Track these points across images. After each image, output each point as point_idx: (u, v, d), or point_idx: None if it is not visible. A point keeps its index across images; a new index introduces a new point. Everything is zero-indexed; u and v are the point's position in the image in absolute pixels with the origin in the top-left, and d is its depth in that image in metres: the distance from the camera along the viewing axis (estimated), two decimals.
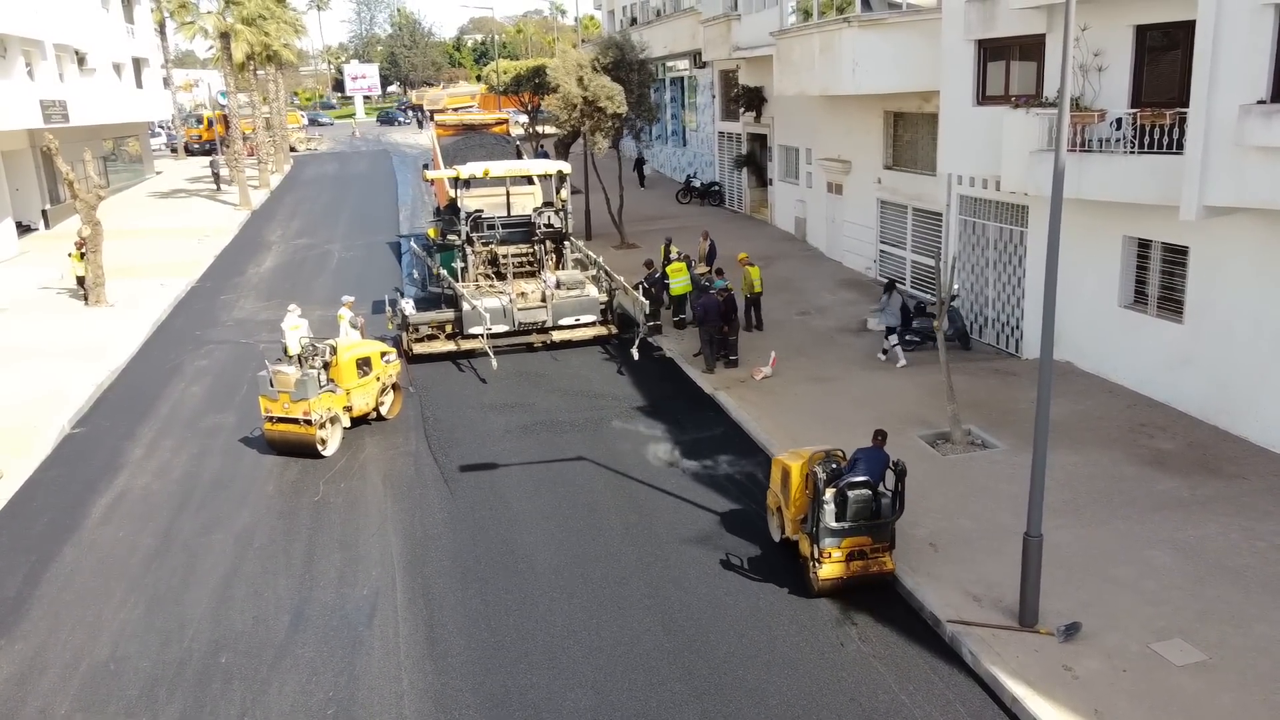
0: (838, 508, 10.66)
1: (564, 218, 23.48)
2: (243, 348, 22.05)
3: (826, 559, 10.76)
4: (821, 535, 10.71)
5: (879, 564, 10.96)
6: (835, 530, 10.68)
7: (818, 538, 10.76)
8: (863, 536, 10.81)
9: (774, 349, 19.53)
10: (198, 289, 28.06)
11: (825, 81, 23.62)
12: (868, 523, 10.80)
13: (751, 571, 11.77)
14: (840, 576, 10.83)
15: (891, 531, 11.02)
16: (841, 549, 10.76)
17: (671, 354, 20.45)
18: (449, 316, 21.32)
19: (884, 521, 10.89)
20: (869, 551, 10.87)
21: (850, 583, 10.89)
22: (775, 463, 12.31)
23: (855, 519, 10.72)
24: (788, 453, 12.45)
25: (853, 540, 10.78)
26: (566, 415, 17.08)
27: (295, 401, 15.23)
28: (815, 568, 10.87)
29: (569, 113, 27.98)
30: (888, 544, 10.98)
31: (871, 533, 10.84)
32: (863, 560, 10.86)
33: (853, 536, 10.77)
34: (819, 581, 10.87)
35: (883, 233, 25.00)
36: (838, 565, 10.79)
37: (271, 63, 50.59)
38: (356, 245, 33.50)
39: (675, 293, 22.11)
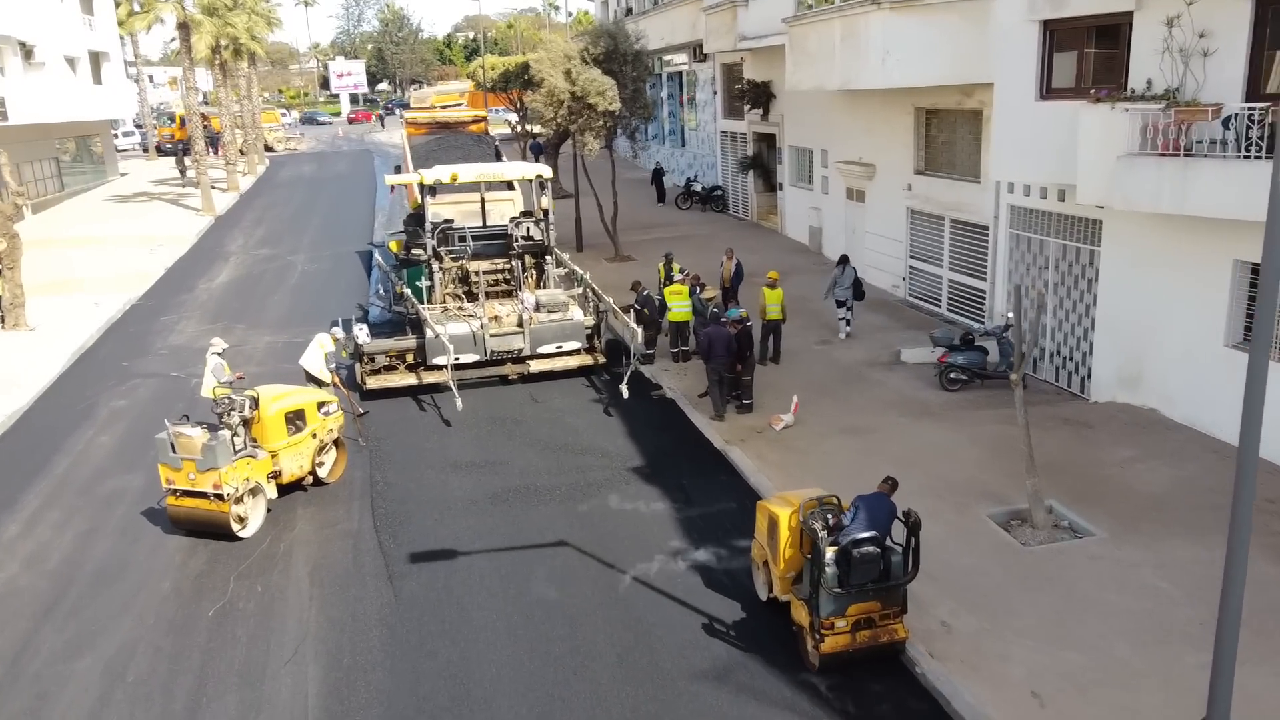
0: (841, 569, 8.99)
1: (545, 228, 20.34)
2: (172, 383, 18.89)
3: (829, 630, 9.13)
4: (822, 602, 9.12)
5: (889, 632, 9.34)
6: (839, 596, 9.06)
7: (818, 605, 9.15)
8: (871, 601, 9.21)
9: (794, 389, 16.45)
10: (137, 308, 24.87)
11: (847, 74, 20.53)
12: (876, 585, 9.14)
13: None
14: (846, 649, 9.21)
15: (903, 594, 9.36)
16: (847, 617, 9.16)
17: (672, 393, 17.33)
18: (410, 344, 18.22)
19: (895, 584, 9.23)
20: (878, 619, 9.29)
21: (856, 655, 9.25)
22: (760, 509, 10.52)
23: (862, 581, 9.05)
24: (775, 497, 10.74)
25: (860, 606, 9.19)
26: (545, 479, 13.95)
27: (203, 471, 12.09)
28: (815, 640, 9.19)
29: (555, 110, 24.84)
30: (899, 608, 9.36)
31: (881, 597, 9.24)
32: (871, 629, 9.28)
33: (860, 602, 9.17)
34: (820, 656, 9.19)
35: (913, 246, 21.91)
36: (842, 636, 9.19)
37: (240, 57, 47.36)
38: (323, 256, 30.34)
39: (674, 319, 18.97)
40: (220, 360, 14.89)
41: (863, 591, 9.13)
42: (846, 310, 19.43)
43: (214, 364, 14.84)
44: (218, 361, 14.86)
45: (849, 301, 19.34)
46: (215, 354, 15.01)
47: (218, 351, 15.05)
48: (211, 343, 15.39)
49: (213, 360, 14.92)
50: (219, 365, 14.78)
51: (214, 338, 15.78)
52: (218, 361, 14.86)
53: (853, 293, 19.31)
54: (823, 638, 9.14)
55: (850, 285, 19.21)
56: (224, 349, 15.26)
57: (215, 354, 15.01)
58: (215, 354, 15.01)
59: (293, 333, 21.79)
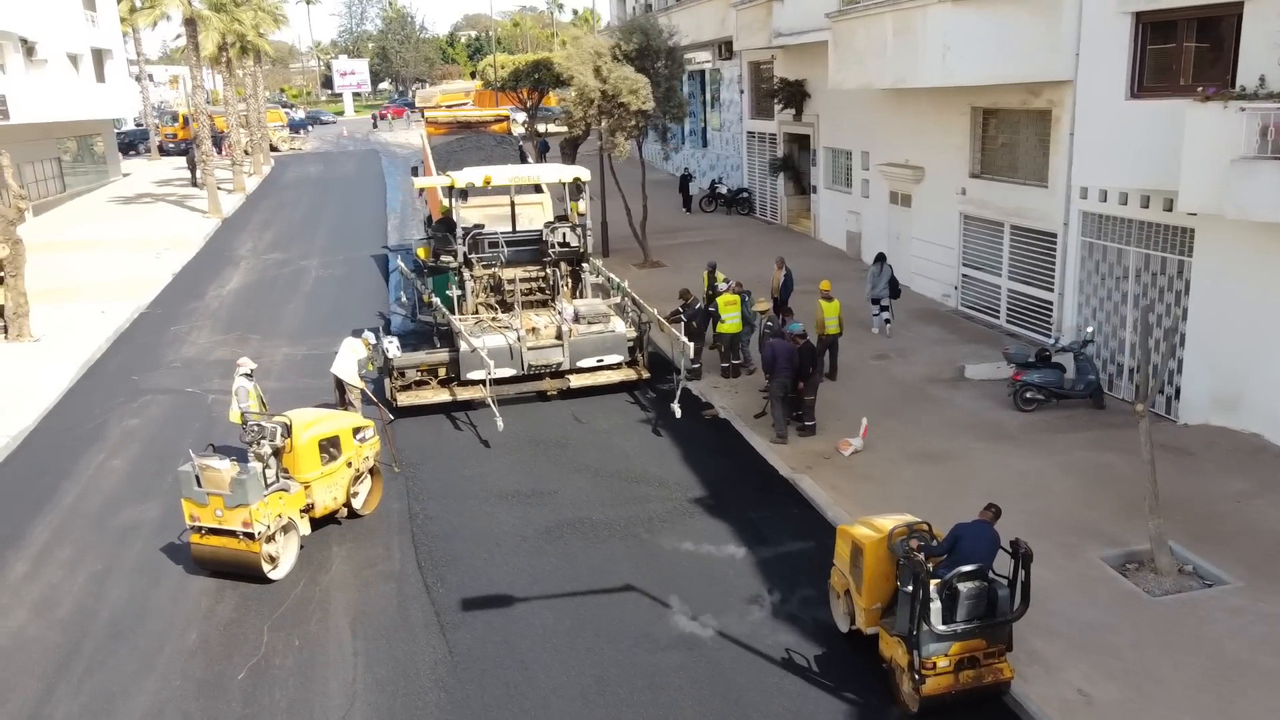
0: (946, 605, 8.40)
1: (582, 234, 19.15)
2: (187, 400, 17.72)
3: (930, 670, 8.47)
4: (923, 640, 8.43)
5: (994, 672, 8.68)
6: (943, 635, 8.42)
7: (918, 643, 8.44)
8: (976, 640, 8.57)
9: (855, 409, 15.34)
10: (146, 317, 23.67)
11: (901, 71, 19.38)
12: (983, 622, 8.53)
13: None
14: (948, 690, 8.55)
15: (1009, 632, 8.70)
16: (949, 656, 8.51)
17: (725, 413, 16.17)
18: (443, 358, 17.09)
19: (1003, 621, 8.59)
20: (982, 658, 8.63)
21: (959, 697, 8.60)
22: (842, 534, 9.92)
23: (968, 618, 8.48)
24: (858, 522, 9.97)
25: (964, 645, 8.54)
26: (600, 511, 12.78)
27: (232, 508, 10.93)
28: (915, 681, 8.51)
29: (584, 109, 23.67)
30: (1004, 646, 8.71)
31: (986, 634, 8.59)
32: (974, 669, 8.63)
33: (965, 640, 8.53)
34: (920, 698, 8.50)
35: (966, 253, 20.76)
36: (945, 677, 8.53)
37: (247, 55, 46.16)
38: (336, 261, 29.14)
39: (724, 331, 17.82)
40: (247, 384, 13.71)
41: (968, 629, 8.49)
42: (882, 309, 19.41)
43: (239, 386, 13.66)
44: (244, 384, 13.68)
45: (886, 299, 19.30)
46: (243, 374, 13.84)
47: (245, 373, 13.88)
48: (239, 363, 14.21)
49: (238, 382, 13.75)
50: (243, 389, 13.60)
51: (242, 357, 14.59)
52: (244, 384, 13.68)
53: (889, 290, 19.20)
54: (924, 679, 8.47)
55: (887, 283, 19.13)
56: (253, 369, 14.06)
57: (243, 374, 13.84)
58: (243, 374, 13.84)
59: (311, 344, 20.65)
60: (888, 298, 19.41)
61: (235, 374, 14.00)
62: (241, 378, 13.80)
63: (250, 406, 13.50)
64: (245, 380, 13.75)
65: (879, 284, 19.40)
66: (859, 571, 9.41)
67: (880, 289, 19.40)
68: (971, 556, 8.62)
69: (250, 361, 14.27)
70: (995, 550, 8.80)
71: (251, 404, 13.59)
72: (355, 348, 15.51)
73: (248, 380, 13.78)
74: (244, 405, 13.46)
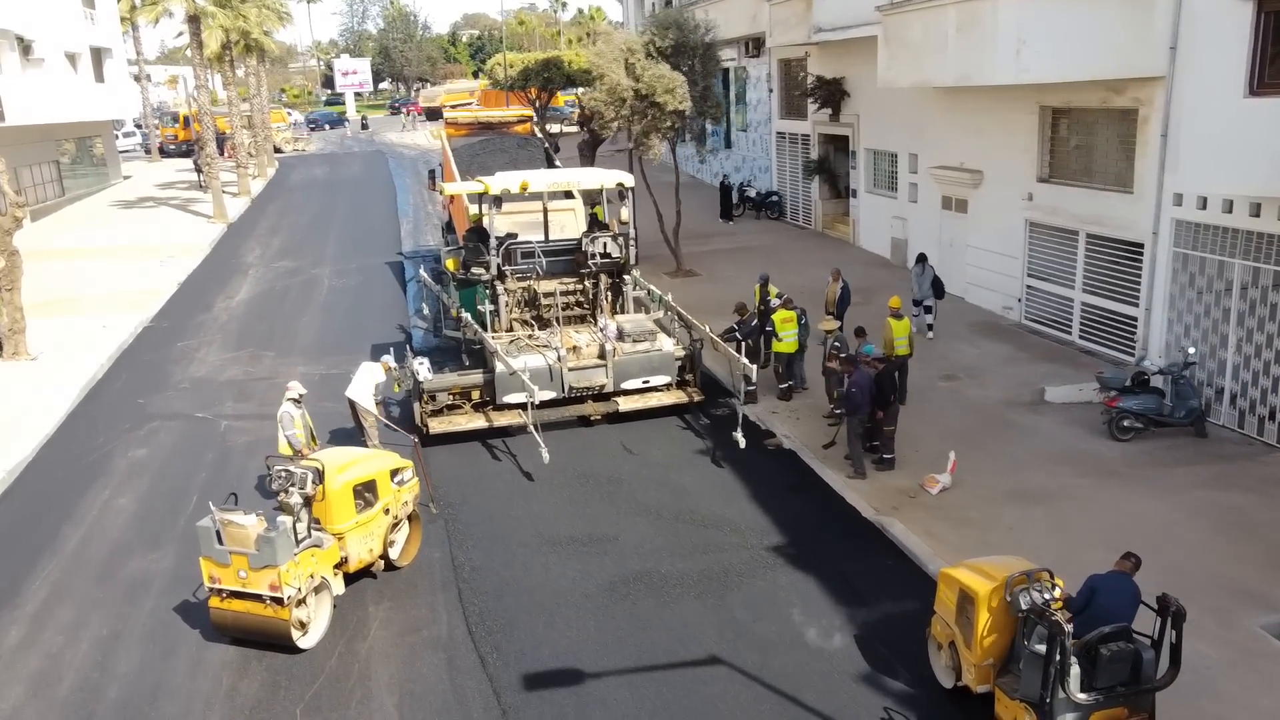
0: (1086, 670, 7.57)
1: (624, 244, 17.71)
2: (199, 426, 16.29)
3: None
4: (1059, 709, 7.55)
5: None
6: (1083, 704, 7.55)
7: (1052, 712, 7.55)
8: (1117, 708, 7.69)
9: (930, 436, 14.02)
10: (151, 331, 22.24)
11: (965, 68, 17.98)
12: (1126, 689, 7.66)
13: None
14: None
15: (1153, 701, 7.79)
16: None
17: (790, 442, 14.76)
18: (476, 380, 15.69)
19: (1150, 688, 7.71)
20: None
21: None
22: (946, 579, 8.89)
23: (1110, 684, 7.61)
24: (964, 567, 8.89)
25: (1104, 714, 7.66)
26: (669, 562, 11.37)
27: (257, 569, 9.51)
28: None
29: (616, 109, 22.25)
30: (1148, 715, 7.83)
31: (1130, 702, 7.72)
32: None
33: (1105, 709, 7.64)
34: None
35: (1032, 264, 19.35)
36: None
37: (251, 53, 44.73)
38: (349, 269, 27.71)
39: (780, 350, 16.42)
40: (295, 411, 12.46)
41: (1110, 696, 7.61)
42: (925, 310, 18.96)
43: (285, 413, 12.45)
44: (291, 411, 12.44)
45: (930, 300, 18.91)
46: (291, 400, 12.59)
47: (294, 398, 12.65)
48: (288, 386, 13.01)
49: (285, 408, 12.50)
50: (290, 416, 12.38)
51: (291, 381, 13.31)
52: (291, 411, 12.44)
53: (934, 291, 18.80)
54: None
55: (931, 284, 18.73)
56: (301, 395, 12.77)
57: (291, 400, 12.59)
58: (291, 400, 12.59)
59: (329, 362, 19.23)
60: (932, 298, 18.95)
61: (283, 399, 12.78)
62: (289, 404, 12.66)
63: (297, 436, 12.30)
64: (293, 407, 12.60)
65: (923, 285, 18.92)
66: (968, 623, 8.38)
67: (925, 290, 18.90)
68: (1112, 613, 7.75)
69: (300, 386, 13.03)
70: (1137, 606, 7.89)
71: (298, 433, 12.41)
72: (373, 372, 14.18)
73: (296, 407, 12.63)
74: (290, 434, 12.34)
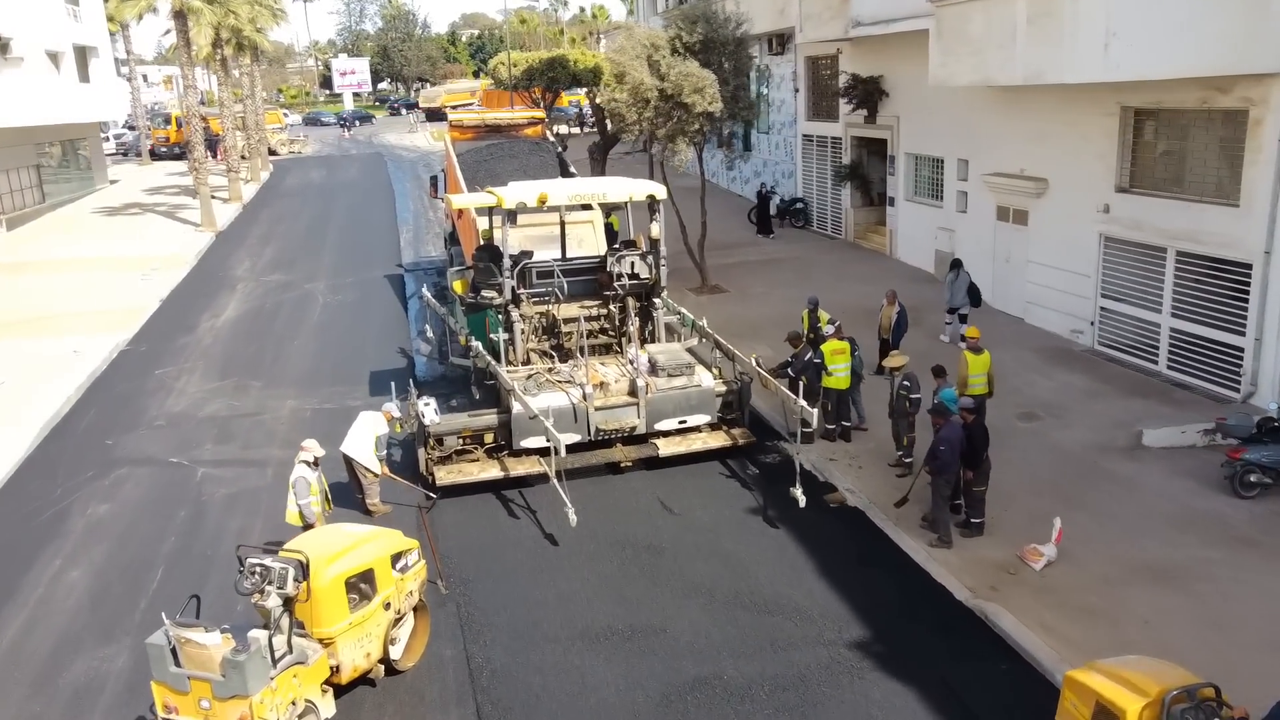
0: None
1: (655, 263, 15.65)
2: (172, 475, 14.26)
3: None
4: None
5: None
6: None
7: None
8: None
9: (1016, 490, 12.04)
10: (127, 355, 20.21)
11: (1037, 64, 15.95)
12: None
13: None
14: None
15: None
16: None
17: (855, 497, 12.73)
18: (490, 422, 13.68)
19: None
20: None
21: None
22: (1076, 687, 7.21)
23: None
24: (1099, 672, 7.17)
25: None
26: (733, 663, 9.32)
27: (224, 699, 7.48)
28: None
29: (639, 111, 20.21)
30: None
31: None
32: None
33: None
34: None
35: (1107, 283, 17.31)
36: None
37: (243, 52, 42.66)
38: (346, 284, 25.66)
39: (831, 386, 14.39)
40: (310, 475, 10.65)
41: None
42: (960, 319, 17.84)
43: (299, 477, 10.66)
44: (305, 475, 10.65)
45: (965, 309, 17.96)
46: (305, 463, 10.71)
47: (309, 460, 10.81)
48: (303, 446, 11.10)
49: (299, 471, 10.69)
50: (304, 481, 10.58)
51: (307, 440, 11.32)
52: (305, 475, 10.65)
53: (970, 299, 17.93)
54: None
55: (966, 291, 17.84)
56: (318, 459, 10.85)
57: (305, 463, 10.71)
58: (305, 463, 10.71)
59: (323, 395, 17.23)
60: (968, 306, 17.99)
61: (296, 460, 10.86)
62: (303, 466, 10.82)
63: (313, 507, 10.42)
64: (309, 471, 10.80)
65: (958, 293, 17.98)
66: None
67: (960, 298, 17.98)
68: None
69: (317, 447, 11.13)
70: None
71: (313, 501, 10.60)
72: (374, 423, 12.20)
73: (311, 470, 10.79)
74: (304, 502, 10.61)
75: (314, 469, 10.96)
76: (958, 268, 18.23)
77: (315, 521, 10.60)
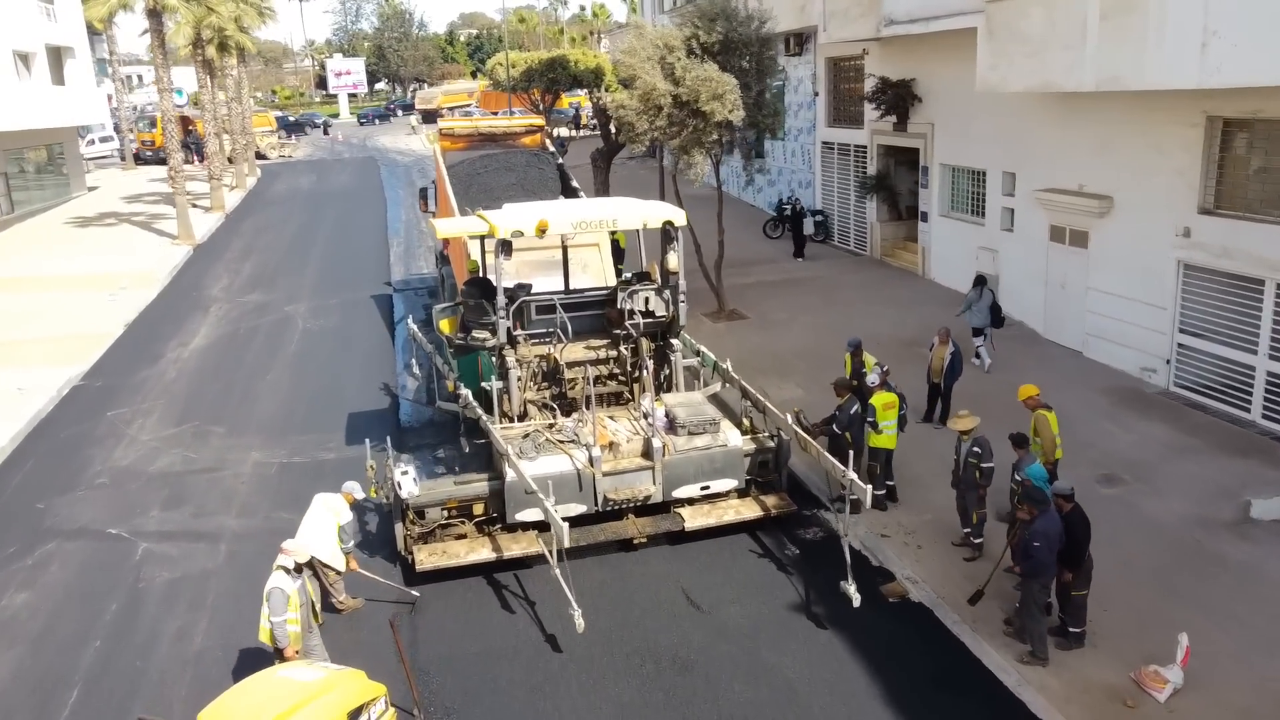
0: None
1: (673, 299, 13.50)
2: (108, 550, 12.16)
3: None
4: None
5: None
6: None
7: None
8: None
9: (1114, 582, 9.92)
10: (80, 393, 18.11)
11: (1114, 67, 13.88)
12: None
13: None
14: None
15: None
16: None
17: (919, 589, 10.62)
18: (479, 490, 11.59)
19: None
20: None
21: None
22: None
23: None
24: None
25: None
26: None
27: None
28: None
29: (650, 119, 18.10)
30: None
31: None
32: None
33: None
34: None
35: (1186, 317, 15.21)
36: None
37: (228, 52, 40.53)
38: (329, 306, 23.54)
39: (880, 445, 12.28)
40: (288, 585, 8.65)
41: None
42: (983, 338, 16.94)
43: (275, 588, 8.67)
44: (283, 585, 8.65)
45: (987, 328, 16.85)
46: (284, 569, 8.76)
47: (289, 567, 8.79)
48: (283, 549, 8.99)
49: (275, 581, 8.70)
50: (281, 593, 8.60)
51: (287, 542, 9.18)
52: (283, 585, 8.65)
53: (991, 319, 16.75)
54: None
55: (988, 310, 16.67)
56: (297, 565, 8.89)
57: (284, 569, 8.76)
58: (284, 569, 8.76)
59: (293, 445, 15.17)
60: (989, 326, 16.78)
61: (274, 565, 8.80)
62: (281, 574, 8.75)
63: (287, 628, 8.49)
64: (286, 579, 8.71)
65: (981, 312, 16.69)
66: None
67: (983, 318, 16.72)
68: None
69: (301, 549, 9.08)
70: None
71: (290, 619, 8.54)
72: (334, 509, 10.08)
73: (290, 579, 8.72)
74: (278, 620, 8.54)
75: (295, 577, 8.85)
76: (982, 285, 16.80)
77: (288, 646, 8.51)
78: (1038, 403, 11.75)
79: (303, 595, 8.92)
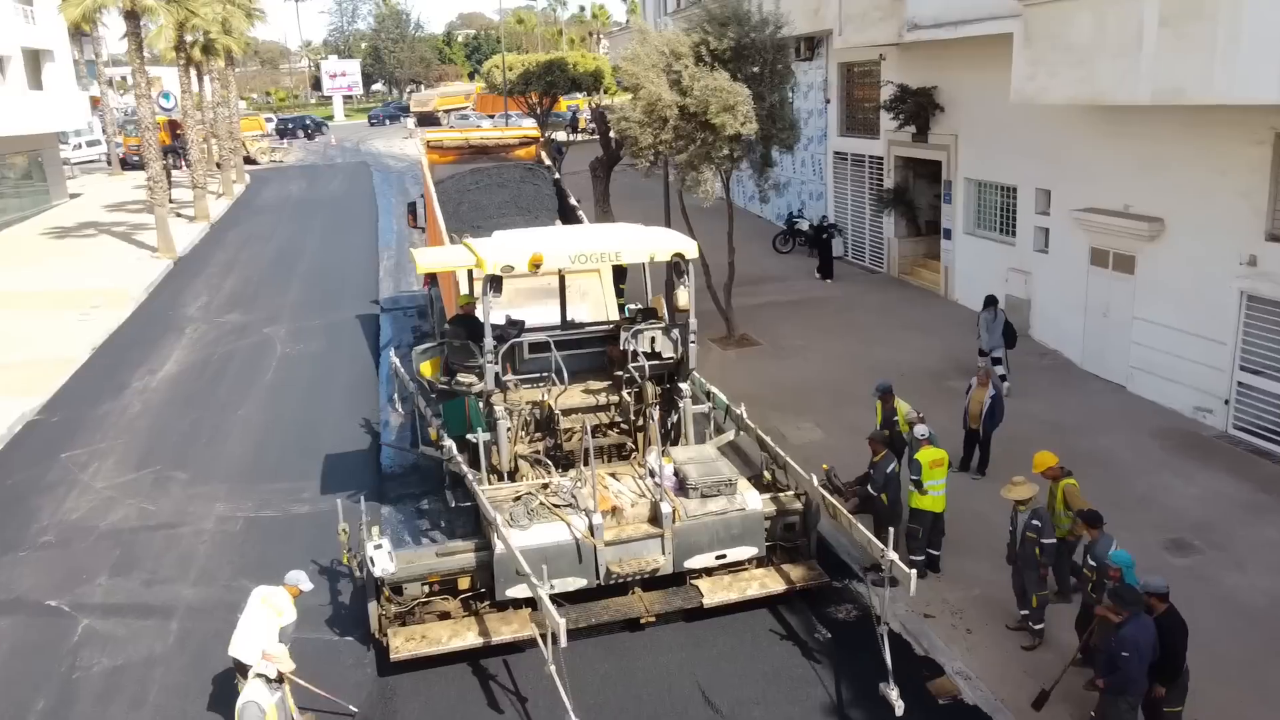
0: None
1: (682, 339, 12.03)
2: (43, 629, 10.68)
3: None
4: None
5: None
6: None
7: None
8: None
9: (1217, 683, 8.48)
10: (34, 429, 16.64)
11: (1176, 79, 12.45)
12: None
13: None
14: None
15: None
16: None
17: (971, 686, 9.16)
18: (464, 563, 10.15)
19: None
20: None
21: None
22: None
23: None
24: None
25: None
26: None
27: None
28: None
29: (655, 132, 16.65)
30: None
31: None
32: None
33: None
34: None
35: (1248, 353, 13.77)
36: None
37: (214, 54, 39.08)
38: (311, 328, 22.06)
39: (925, 507, 10.83)
40: (266, 700, 7.53)
41: None
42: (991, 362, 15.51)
43: (248, 703, 7.53)
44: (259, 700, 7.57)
45: (1000, 352, 15.86)
46: (262, 680, 7.79)
47: (270, 678, 7.74)
48: (266, 654, 7.78)
49: (251, 693, 7.56)
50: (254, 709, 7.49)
51: (271, 646, 7.89)
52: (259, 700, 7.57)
53: (1005, 340, 15.85)
54: None
55: (1001, 333, 15.78)
56: (280, 675, 7.65)
57: (262, 680, 7.79)
58: (262, 680, 7.79)
59: (263, 494, 13.73)
60: (1002, 349, 15.77)
61: (250, 673, 7.49)
62: (259, 684, 7.48)
63: None
64: (264, 692, 7.44)
65: (994, 334, 15.72)
66: None
67: (996, 340, 15.71)
68: None
69: (284, 659, 7.69)
70: None
71: None
72: (275, 606, 8.58)
73: (269, 692, 7.46)
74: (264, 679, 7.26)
75: (275, 689, 7.45)
76: (993, 305, 15.95)
77: None
78: (1058, 472, 10.28)
79: (282, 711, 7.55)
